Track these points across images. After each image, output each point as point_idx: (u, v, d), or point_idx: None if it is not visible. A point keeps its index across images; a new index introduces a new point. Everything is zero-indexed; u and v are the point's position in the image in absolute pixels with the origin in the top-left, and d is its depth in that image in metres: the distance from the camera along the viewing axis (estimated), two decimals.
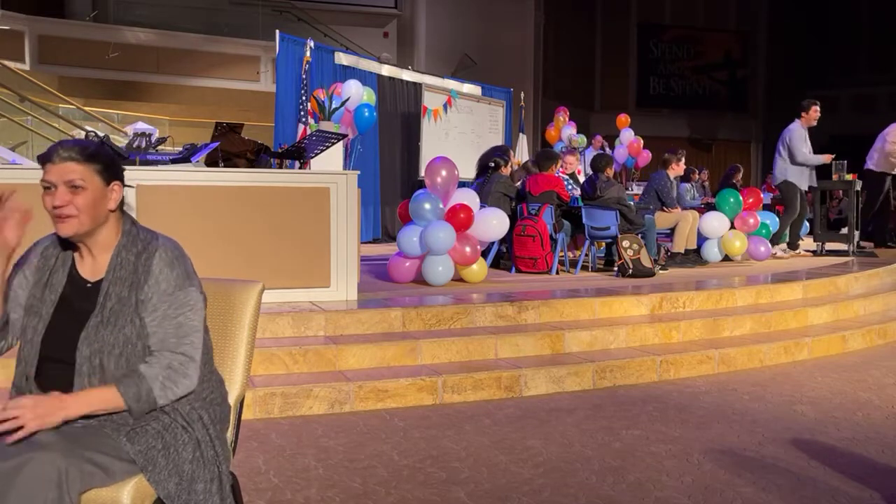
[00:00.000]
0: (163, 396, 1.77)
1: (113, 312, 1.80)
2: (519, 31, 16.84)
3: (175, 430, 1.79)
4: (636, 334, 4.98)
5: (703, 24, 22.40)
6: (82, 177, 1.77)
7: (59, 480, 1.56)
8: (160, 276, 1.83)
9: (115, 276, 1.82)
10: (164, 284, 1.83)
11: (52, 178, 1.77)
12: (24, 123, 10.69)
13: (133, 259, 1.84)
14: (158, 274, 1.83)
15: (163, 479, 1.72)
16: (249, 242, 4.70)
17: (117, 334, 1.78)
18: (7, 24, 11.70)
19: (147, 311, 1.82)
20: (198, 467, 1.77)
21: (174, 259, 1.86)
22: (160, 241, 1.88)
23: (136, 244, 1.86)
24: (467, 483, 2.94)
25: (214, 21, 14.04)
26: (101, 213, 1.82)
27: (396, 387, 4.02)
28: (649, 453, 3.29)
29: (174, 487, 1.72)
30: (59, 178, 1.77)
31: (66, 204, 1.76)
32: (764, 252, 7.81)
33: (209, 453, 1.81)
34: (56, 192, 1.77)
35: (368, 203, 10.53)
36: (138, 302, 1.81)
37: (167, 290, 1.83)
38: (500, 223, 6.24)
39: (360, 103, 9.21)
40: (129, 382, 1.74)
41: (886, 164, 8.98)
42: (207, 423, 1.85)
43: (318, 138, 5.49)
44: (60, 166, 1.77)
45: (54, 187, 1.77)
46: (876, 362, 5.19)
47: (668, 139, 12.99)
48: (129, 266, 1.83)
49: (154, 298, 1.82)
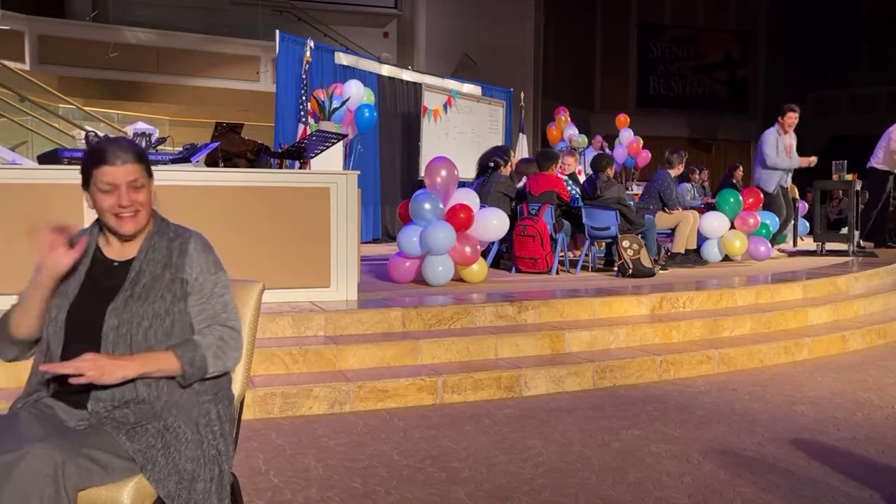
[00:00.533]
0: (213, 365, 1.87)
1: (145, 289, 1.88)
2: (519, 31, 16.84)
3: (177, 429, 1.80)
4: (636, 334, 4.98)
5: (703, 24, 22.41)
6: (140, 176, 1.89)
7: (56, 475, 1.56)
8: (198, 258, 1.95)
9: (148, 256, 1.93)
10: (205, 265, 1.95)
11: (116, 179, 1.85)
12: (24, 123, 10.69)
13: (165, 244, 1.95)
14: (197, 256, 1.95)
15: (162, 478, 1.73)
16: (249, 242, 4.69)
17: (147, 308, 1.86)
18: (7, 24, 11.70)
19: (194, 289, 1.92)
20: (198, 466, 1.78)
21: (207, 246, 2.00)
22: (191, 231, 2.01)
23: (167, 232, 1.98)
24: (467, 483, 2.94)
25: (214, 21, 14.03)
26: (151, 208, 1.96)
27: (396, 387, 4.02)
28: (649, 453, 3.29)
29: (174, 487, 1.73)
30: (122, 180, 1.86)
31: (133, 203, 1.87)
32: (764, 252, 7.81)
33: (211, 452, 1.83)
34: (120, 192, 1.86)
35: (368, 203, 10.53)
36: (175, 280, 1.90)
37: (209, 270, 1.96)
38: (500, 223, 6.24)
39: (361, 103, 9.21)
40: (186, 348, 1.84)
41: (892, 162, 8.98)
42: (214, 419, 1.88)
43: (318, 138, 5.49)
44: (122, 168, 1.86)
45: (116, 188, 1.86)
46: (876, 362, 5.19)
47: (668, 139, 12.99)
48: (162, 249, 1.94)
49: (200, 278, 1.94)
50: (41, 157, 4.72)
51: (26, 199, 4.28)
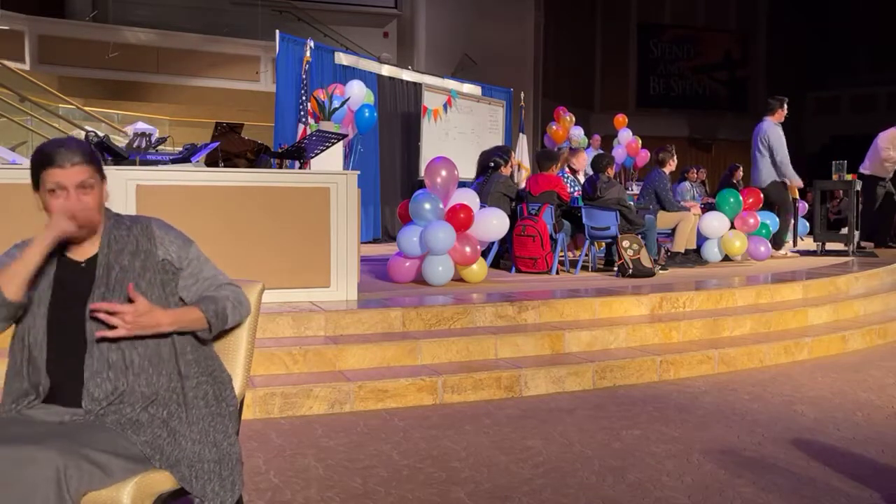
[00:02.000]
0: (232, 315, 1.97)
1: (118, 280, 1.88)
2: (519, 31, 16.83)
3: (180, 415, 1.83)
4: (636, 334, 4.98)
5: (703, 24, 22.40)
6: (91, 177, 1.87)
7: (58, 479, 1.56)
8: (167, 238, 1.97)
9: (112, 249, 1.92)
10: (177, 240, 1.99)
11: (64, 180, 1.83)
12: (24, 123, 10.68)
13: (125, 233, 1.94)
14: (164, 236, 1.97)
15: (173, 464, 1.76)
16: (249, 242, 4.69)
17: (125, 299, 1.85)
18: (7, 24, 11.70)
19: (180, 268, 1.97)
20: (204, 448, 1.82)
21: (168, 225, 2.02)
22: (146, 216, 2.03)
23: (123, 223, 1.98)
24: (467, 483, 2.94)
25: (214, 21, 14.02)
26: (103, 208, 1.94)
27: (396, 387, 4.02)
28: (649, 453, 3.29)
29: (187, 470, 1.77)
30: (70, 181, 1.84)
31: (82, 207, 1.85)
32: (764, 252, 7.81)
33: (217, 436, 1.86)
34: (69, 194, 1.84)
35: (368, 203, 10.52)
36: (149, 264, 1.92)
37: (183, 245, 1.99)
38: (500, 223, 6.23)
39: (361, 103, 9.21)
40: (208, 301, 1.94)
41: (880, 168, 8.99)
42: (211, 400, 1.90)
43: (318, 138, 5.49)
44: (70, 170, 1.84)
45: (64, 189, 1.84)
46: (876, 362, 5.19)
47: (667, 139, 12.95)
48: (122, 239, 1.93)
49: (181, 253, 1.98)
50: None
51: (26, 199, 4.27)
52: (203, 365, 1.94)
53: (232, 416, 1.95)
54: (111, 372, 1.81)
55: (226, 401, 1.96)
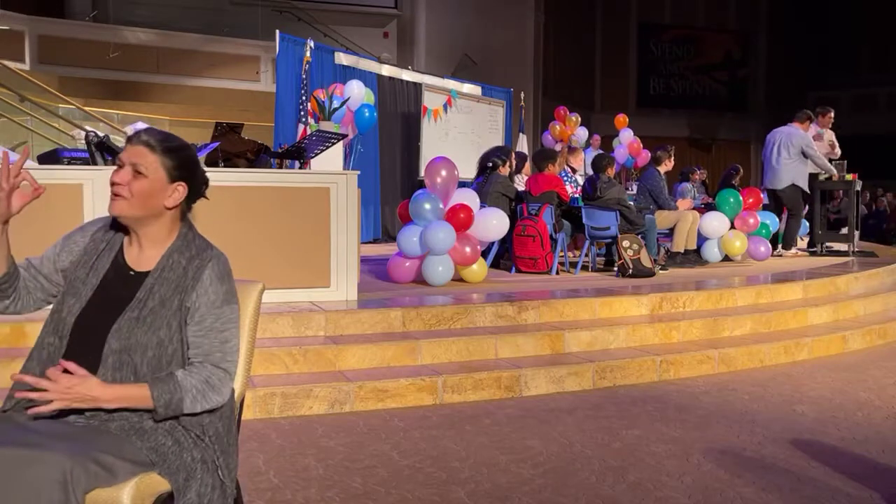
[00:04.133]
0: (190, 408, 1.78)
1: (152, 312, 1.80)
2: (519, 31, 16.83)
3: (185, 426, 1.81)
4: (636, 334, 4.98)
5: (703, 24, 22.42)
6: (148, 165, 1.80)
7: (65, 481, 1.55)
8: (210, 288, 1.84)
9: (163, 275, 1.84)
10: (213, 296, 1.84)
11: (125, 157, 1.81)
12: (23, 123, 10.68)
13: (184, 263, 1.85)
14: (209, 285, 1.84)
15: (173, 472, 1.74)
16: (249, 242, 4.69)
17: (151, 336, 1.79)
18: (7, 24, 11.70)
19: (193, 320, 1.83)
20: (205, 472, 1.78)
21: (225, 274, 1.88)
22: (214, 252, 1.90)
23: (189, 249, 1.88)
24: (467, 483, 2.94)
25: (214, 21, 14.02)
26: (154, 206, 1.83)
27: (396, 387, 4.02)
28: (649, 453, 3.29)
29: (182, 482, 1.74)
30: (128, 159, 1.81)
31: (124, 184, 1.79)
32: (764, 252, 7.81)
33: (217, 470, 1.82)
34: (121, 170, 1.81)
35: (368, 203, 10.52)
36: (182, 307, 1.82)
37: (216, 302, 1.84)
38: (500, 223, 6.23)
39: (361, 103, 9.21)
40: (164, 388, 1.74)
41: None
42: (213, 435, 1.84)
43: (318, 138, 5.49)
44: (136, 148, 1.81)
45: (123, 166, 1.81)
46: (876, 362, 5.19)
47: (668, 139, 12.96)
48: (178, 269, 1.84)
49: (202, 309, 1.83)
50: (41, 157, 4.71)
51: None
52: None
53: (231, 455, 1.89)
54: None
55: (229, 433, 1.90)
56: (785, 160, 8.46)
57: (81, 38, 12.52)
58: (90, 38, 12.55)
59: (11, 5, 11.79)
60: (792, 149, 8.43)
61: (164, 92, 13.30)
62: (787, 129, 8.57)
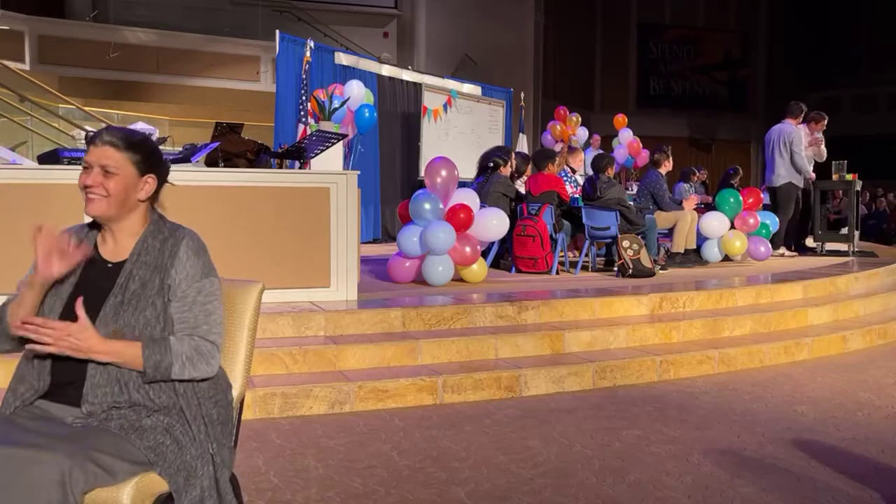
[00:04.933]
0: (178, 374, 1.81)
1: (135, 295, 1.84)
2: (519, 32, 16.83)
3: (183, 425, 1.82)
4: (636, 334, 4.98)
5: (703, 24, 22.42)
6: (117, 164, 1.85)
7: (63, 481, 1.55)
8: (187, 263, 1.89)
9: (140, 259, 1.88)
10: (192, 270, 1.89)
11: (91, 159, 1.85)
12: (24, 123, 10.68)
13: (158, 245, 1.90)
14: (186, 260, 1.89)
15: (172, 473, 1.74)
16: (249, 242, 4.69)
17: (138, 316, 1.83)
18: (7, 24, 11.70)
19: (175, 296, 1.87)
20: (203, 465, 1.80)
21: (200, 248, 1.94)
22: (186, 231, 1.96)
23: (162, 231, 1.93)
24: (467, 483, 2.94)
25: (214, 21, 14.01)
26: (129, 201, 1.89)
27: (396, 387, 4.02)
28: (649, 453, 3.29)
29: (182, 482, 1.75)
30: (96, 161, 1.85)
31: (97, 185, 1.83)
32: (764, 252, 7.81)
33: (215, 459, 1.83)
34: (91, 172, 1.84)
35: (368, 203, 10.52)
36: (163, 286, 1.86)
37: (195, 276, 1.89)
38: (500, 223, 6.23)
39: (361, 103, 9.21)
40: (155, 349, 1.79)
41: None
42: (209, 423, 1.86)
43: (318, 138, 5.49)
44: (101, 149, 1.86)
45: (90, 168, 1.84)
46: (876, 362, 5.19)
47: (668, 139, 12.96)
48: (154, 251, 1.89)
49: (183, 284, 1.88)
50: (41, 157, 4.71)
51: (26, 199, 4.28)
52: (210, 387, 1.90)
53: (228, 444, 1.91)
54: (111, 386, 1.78)
55: (227, 423, 1.92)
56: (780, 158, 8.51)
57: (81, 38, 12.52)
58: (90, 38, 12.55)
59: (11, 5, 11.78)
60: (782, 146, 8.51)
61: (164, 92, 13.30)
62: (780, 127, 8.66)
